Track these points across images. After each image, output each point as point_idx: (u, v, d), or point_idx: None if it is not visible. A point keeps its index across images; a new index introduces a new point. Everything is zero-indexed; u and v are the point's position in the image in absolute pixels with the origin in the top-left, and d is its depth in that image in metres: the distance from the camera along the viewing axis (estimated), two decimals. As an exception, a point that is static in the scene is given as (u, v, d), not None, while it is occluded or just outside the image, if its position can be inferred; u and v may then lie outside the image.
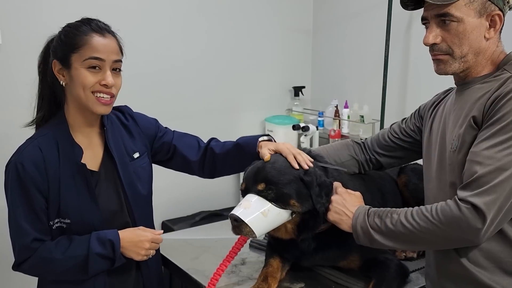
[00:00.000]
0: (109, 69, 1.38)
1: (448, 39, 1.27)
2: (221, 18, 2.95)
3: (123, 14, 2.58)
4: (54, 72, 1.39)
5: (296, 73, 3.32)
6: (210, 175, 1.69)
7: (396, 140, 1.61)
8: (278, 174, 1.36)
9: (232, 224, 1.33)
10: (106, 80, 1.37)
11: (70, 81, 1.38)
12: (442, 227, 1.19)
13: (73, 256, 1.37)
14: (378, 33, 2.74)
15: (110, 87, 1.39)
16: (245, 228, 1.31)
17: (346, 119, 2.92)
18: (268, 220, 1.33)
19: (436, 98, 1.51)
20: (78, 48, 1.36)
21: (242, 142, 1.61)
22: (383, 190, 1.70)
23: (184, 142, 1.67)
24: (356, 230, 1.32)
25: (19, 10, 2.32)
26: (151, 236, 1.45)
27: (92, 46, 1.36)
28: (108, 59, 1.37)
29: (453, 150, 1.28)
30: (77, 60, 1.36)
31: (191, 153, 1.65)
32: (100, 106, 1.39)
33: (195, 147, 1.66)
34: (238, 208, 1.33)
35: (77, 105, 1.41)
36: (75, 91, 1.38)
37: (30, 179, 1.34)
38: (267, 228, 1.35)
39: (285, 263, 1.53)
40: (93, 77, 1.36)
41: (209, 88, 2.97)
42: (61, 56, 1.38)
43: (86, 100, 1.38)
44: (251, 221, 1.30)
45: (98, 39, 1.37)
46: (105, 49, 1.37)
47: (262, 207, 1.33)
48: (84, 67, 1.36)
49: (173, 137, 1.66)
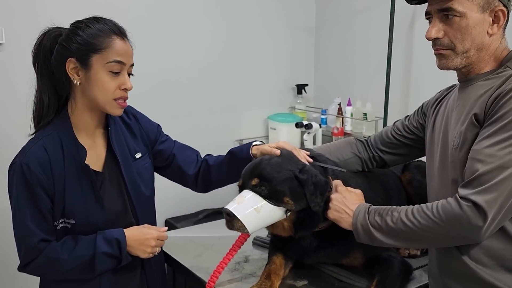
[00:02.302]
0: (126, 73, 1.40)
1: (450, 34, 1.26)
2: (224, 17, 2.95)
3: (127, 13, 2.58)
4: (67, 70, 1.36)
5: (299, 71, 3.32)
6: (204, 189, 1.70)
7: (399, 137, 1.61)
8: (272, 171, 1.36)
9: (225, 219, 1.33)
10: (126, 85, 1.39)
11: (87, 82, 1.37)
12: (443, 225, 1.18)
13: (79, 256, 1.37)
14: (381, 30, 2.74)
15: (129, 91, 1.41)
16: (237, 223, 1.31)
17: (349, 116, 2.92)
18: (261, 217, 1.33)
19: (439, 94, 1.51)
20: (100, 50, 1.35)
21: (234, 149, 1.63)
22: (386, 187, 1.69)
23: (184, 154, 1.67)
24: (357, 228, 1.32)
25: (22, 9, 2.33)
26: (157, 233, 1.45)
27: (115, 49, 1.36)
28: (128, 63, 1.39)
29: (455, 147, 1.28)
30: (99, 61, 1.35)
31: (189, 166, 1.65)
32: (119, 109, 1.41)
33: (194, 162, 1.67)
34: (232, 203, 1.34)
35: (88, 105, 1.41)
36: (92, 93, 1.37)
37: (36, 179, 1.34)
38: (259, 224, 1.35)
39: (288, 260, 1.53)
40: (113, 82, 1.37)
41: (212, 86, 2.98)
42: (80, 55, 1.35)
43: (104, 103, 1.38)
44: (243, 217, 1.30)
45: (120, 43, 1.37)
46: (126, 54, 1.38)
47: (256, 204, 1.33)
48: (106, 70, 1.35)
49: (173, 146, 1.67)
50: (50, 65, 1.40)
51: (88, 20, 1.39)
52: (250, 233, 1.34)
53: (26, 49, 2.30)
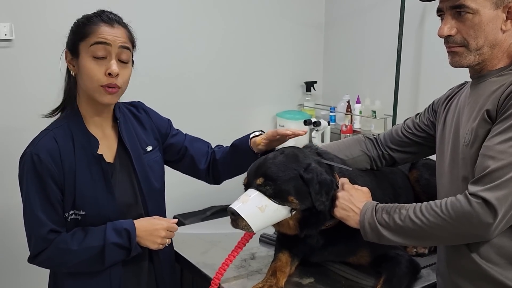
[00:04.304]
0: (115, 57, 1.36)
1: (463, 31, 1.25)
2: (233, 14, 2.94)
3: (137, 9, 2.59)
4: (66, 62, 1.41)
5: (308, 68, 3.31)
6: (215, 181, 1.71)
7: (409, 135, 1.59)
8: (277, 170, 1.35)
9: (230, 218, 1.33)
10: (110, 68, 1.34)
11: (78, 71, 1.38)
12: (452, 222, 1.17)
13: (89, 247, 1.37)
14: (391, 27, 2.72)
15: (114, 76, 1.35)
16: (241, 222, 1.31)
17: (358, 114, 2.90)
18: (266, 216, 1.32)
19: (450, 92, 1.49)
20: (85, 37, 1.36)
21: (236, 142, 1.63)
22: (394, 186, 1.67)
23: (196, 146, 1.67)
24: (364, 227, 1.30)
25: (31, 5, 2.34)
26: (166, 224, 1.45)
27: (98, 33, 1.35)
28: (114, 44, 1.35)
29: (466, 144, 1.26)
30: (84, 48, 1.36)
31: (200, 160, 1.66)
32: (106, 95, 1.37)
33: (205, 154, 1.68)
34: (237, 202, 1.34)
35: (86, 95, 1.41)
36: (82, 81, 1.39)
37: (47, 170, 1.34)
38: (264, 223, 1.35)
39: (294, 258, 1.52)
40: (98, 67, 1.35)
41: (221, 83, 2.98)
42: (71, 45, 1.39)
43: (92, 90, 1.38)
44: (247, 216, 1.30)
45: (105, 28, 1.36)
46: (110, 35, 1.36)
47: (260, 203, 1.32)
48: (90, 56, 1.35)
49: (185, 139, 1.67)
50: None
51: (88, 14, 1.41)
52: (254, 232, 1.34)
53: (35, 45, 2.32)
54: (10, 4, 2.29)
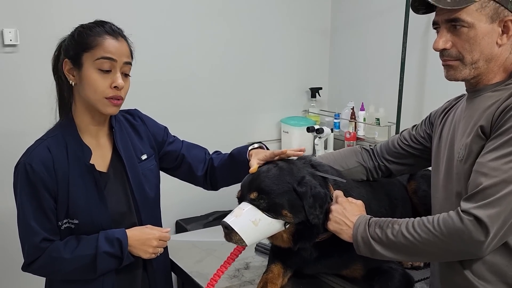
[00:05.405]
0: (119, 71, 1.39)
1: (458, 45, 1.23)
2: (238, 19, 2.94)
3: (140, 15, 2.60)
4: (64, 71, 1.40)
5: (313, 74, 3.29)
6: (213, 187, 1.71)
7: (406, 147, 1.58)
8: (271, 183, 1.34)
9: (223, 231, 1.33)
10: (116, 82, 1.38)
11: (80, 82, 1.39)
12: (444, 239, 1.16)
13: (81, 255, 1.38)
14: (395, 34, 2.70)
15: (120, 89, 1.39)
16: (235, 236, 1.30)
17: (362, 121, 2.88)
18: (259, 230, 1.32)
19: (447, 104, 1.47)
20: (90, 48, 1.36)
21: (235, 151, 1.62)
22: (391, 197, 1.66)
23: (193, 154, 1.68)
24: (357, 240, 1.29)
25: (36, 11, 2.36)
26: (159, 234, 1.45)
27: (104, 47, 1.37)
28: (119, 60, 1.39)
29: (460, 160, 1.24)
30: (89, 59, 1.36)
31: (198, 166, 1.66)
32: (110, 107, 1.40)
33: (202, 161, 1.68)
34: (230, 216, 1.33)
35: (85, 105, 1.42)
36: (84, 92, 1.39)
37: (40, 179, 1.36)
38: (258, 237, 1.34)
39: (287, 269, 1.51)
40: (103, 80, 1.37)
41: (225, 89, 2.97)
42: (72, 55, 1.38)
43: (95, 101, 1.39)
44: (240, 230, 1.30)
45: (110, 41, 1.38)
46: (117, 51, 1.38)
47: (253, 216, 1.32)
48: (95, 68, 1.36)
49: (182, 147, 1.67)
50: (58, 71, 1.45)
51: (87, 23, 1.42)
52: (248, 245, 1.33)
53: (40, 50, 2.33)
54: (15, 9, 2.31)
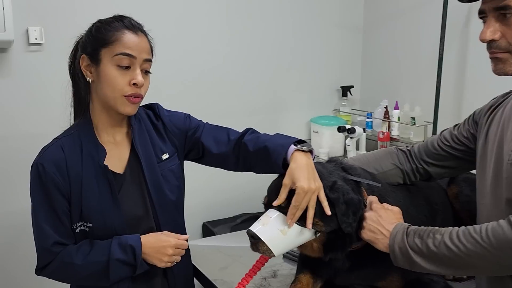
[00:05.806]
0: (139, 68, 1.33)
1: (508, 35, 1.12)
2: (269, 16, 2.88)
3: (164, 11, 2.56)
4: (81, 68, 1.35)
5: (345, 72, 3.21)
6: (246, 170, 1.51)
7: (447, 148, 1.46)
8: None
9: (250, 241, 1.24)
10: (136, 79, 1.31)
11: (97, 79, 1.33)
12: (493, 251, 1.05)
13: (94, 262, 1.33)
14: (432, 29, 2.60)
15: (140, 87, 1.33)
16: (262, 247, 1.21)
17: (396, 121, 2.77)
18: (288, 239, 1.22)
19: (494, 102, 1.35)
20: (109, 44, 1.31)
21: (271, 146, 1.40)
22: (431, 203, 1.54)
23: (212, 137, 1.51)
24: (394, 251, 1.19)
25: (61, 9, 2.35)
26: (174, 241, 1.37)
27: (123, 42, 1.31)
28: (139, 57, 1.32)
29: (510, 162, 1.14)
30: (107, 55, 1.31)
31: (219, 147, 1.48)
32: (128, 105, 1.33)
33: (224, 141, 1.49)
34: (257, 224, 1.24)
35: (102, 103, 1.36)
36: (101, 89, 1.33)
37: (51, 180, 1.31)
38: (286, 247, 1.25)
39: (317, 279, 1.41)
40: (122, 77, 1.31)
41: (254, 87, 2.92)
42: (90, 50, 1.33)
43: (113, 100, 1.33)
44: (268, 240, 1.20)
45: (130, 36, 1.32)
46: (137, 47, 1.32)
47: (282, 225, 1.22)
48: (114, 64, 1.30)
49: (201, 134, 1.52)
50: (75, 69, 1.39)
51: (106, 18, 1.36)
52: (276, 256, 1.24)
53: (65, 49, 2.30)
54: (40, 8, 2.31)
